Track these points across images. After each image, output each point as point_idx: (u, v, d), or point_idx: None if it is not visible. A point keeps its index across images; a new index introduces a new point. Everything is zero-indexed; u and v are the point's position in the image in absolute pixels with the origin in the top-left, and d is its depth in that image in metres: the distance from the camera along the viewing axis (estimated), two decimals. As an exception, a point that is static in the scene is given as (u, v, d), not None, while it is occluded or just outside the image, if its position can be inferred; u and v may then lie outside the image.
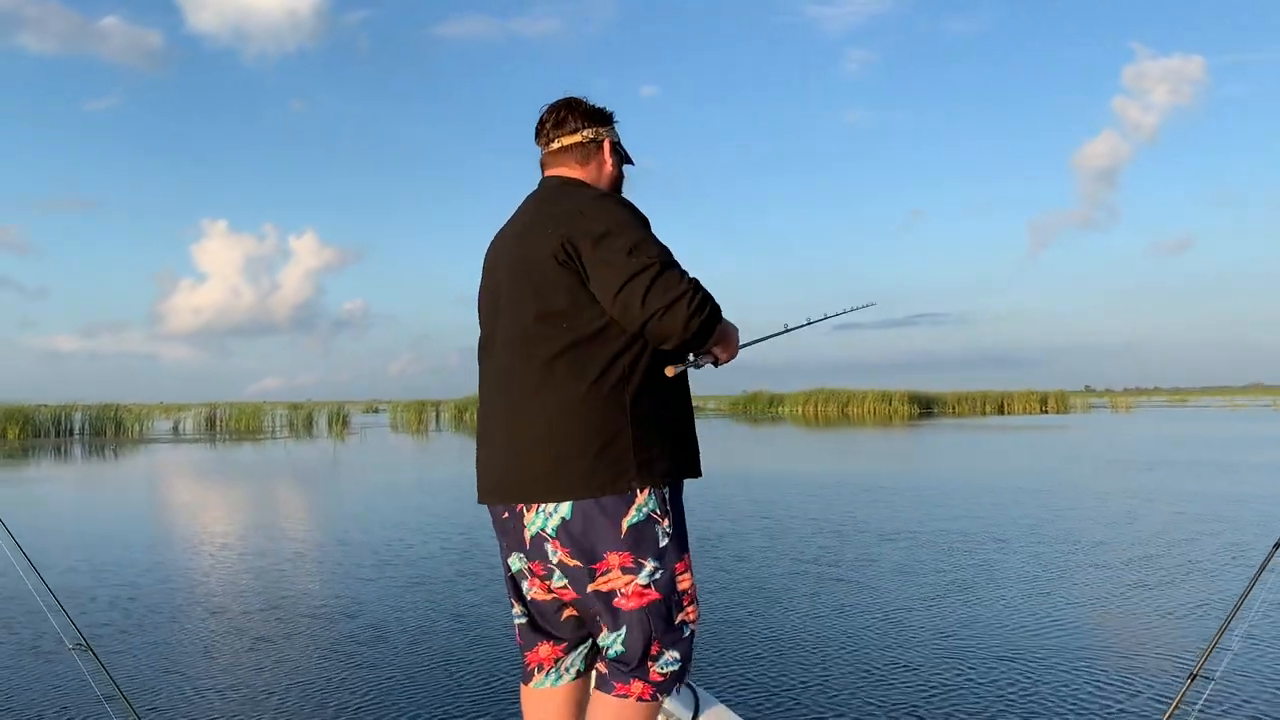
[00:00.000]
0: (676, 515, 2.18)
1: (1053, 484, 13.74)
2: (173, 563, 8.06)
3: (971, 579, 6.83)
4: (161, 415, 47.82)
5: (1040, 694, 4.29)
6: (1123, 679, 4.48)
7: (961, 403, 62.03)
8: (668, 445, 2.16)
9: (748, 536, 8.94)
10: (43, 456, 24.28)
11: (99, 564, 7.96)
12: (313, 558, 8.25)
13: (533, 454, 2.10)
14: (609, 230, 2.05)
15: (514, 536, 2.20)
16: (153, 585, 7.07)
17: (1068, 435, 29.76)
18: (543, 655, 2.31)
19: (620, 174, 2.40)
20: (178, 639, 5.47)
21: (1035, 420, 44.90)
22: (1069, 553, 7.89)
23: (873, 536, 8.87)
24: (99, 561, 8.07)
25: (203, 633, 5.61)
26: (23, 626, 5.72)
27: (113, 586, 7.00)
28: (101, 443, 31.28)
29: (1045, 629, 5.41)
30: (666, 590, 2.13)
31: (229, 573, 7.58)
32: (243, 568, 7.79)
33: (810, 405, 60.43)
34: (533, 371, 2.11)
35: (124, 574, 7.51)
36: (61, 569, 7.66)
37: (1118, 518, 10.03)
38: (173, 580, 7.28)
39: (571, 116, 2.32)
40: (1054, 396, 64.60)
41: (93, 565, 7.90)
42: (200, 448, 27.97)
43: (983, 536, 8.79)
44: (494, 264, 2.31)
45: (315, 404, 54.39)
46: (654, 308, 1.98)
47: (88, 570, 7.65)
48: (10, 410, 34.84)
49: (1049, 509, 10.79)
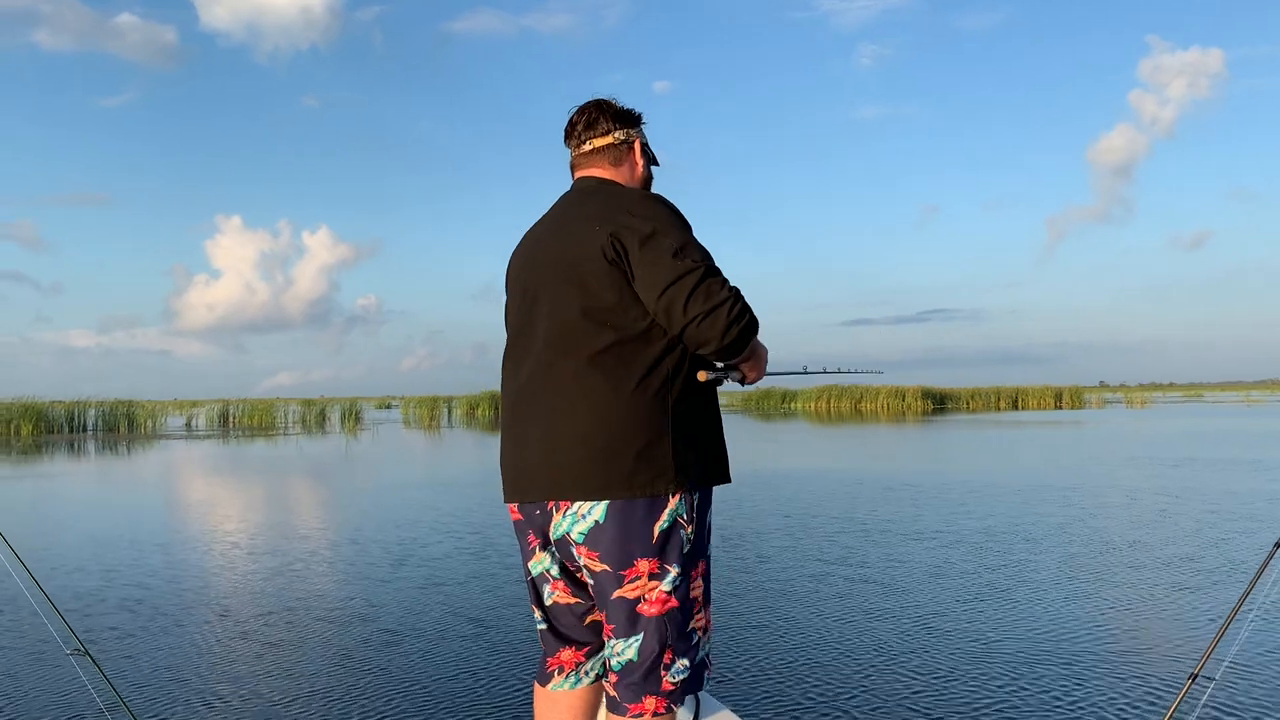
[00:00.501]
0: (700, 521, 2.16)
1: (1077, 481, 13.48)
2: (180, 563, 7.91)
3: (1004, 580, 6.60)
4: (175, 411, 47.94)
5: (1080, 696, 4.07)
6: (1132, 678, 4.26)
7: (975, 398, 61.69)
8: (705, 450, 2.15)
9: (769, 536, 8.73)
10: (55, 453, 24.26)
11: (105, 564, 7.81)
12: (323, 557, 8.08)
13: (573, 451, 2.07)
14: (656, 230, 2.04)
15: (540, 535, 2.20)
16: (160, 586, 6.91)
17: (1085, 431, 29.43)
18: (564, 660, 2.30)
19: (650, 175, 2.40)
20: (184, 643, 5.29)
21: (1050, 416, 44.53)
22: (1101, 553, 7.64)
23: (899, 536, 8.64)
24: (105, 562, 7.93)
25: (210, 637, 5.43)
26: (21, 631, 5.56)
27: (120, 587, 6.85)
28: (114, 439, 31.28)
29: (1077, 633, 5.17)
30: (683, 598, 2.13)
31: (237, 573, 7.42)
32: (251, 568, 7.64)
33: (823, 401, 60.17)
34: (576, 368, 2.08)
35: (131, 575, 7.36)
36: (69, 569, 7.54)
37: (1149, 516, 9.77)
38: (180, 581, 7.12)
39: (603, 118, 2.32)
40: (1068, 392, 64.17)
41: (99, 565, 7.75)
42: (213, 444, 27.92)
43: (1012, 536, 8.55)
44: (530, 262, 2.26)
45: (328, 400, 54.53)
46: (695, 312, 1.97)
47: (95, 571, 7.51)
48: (23, 406, 34.92)
49: (1076, 507, 10.55)
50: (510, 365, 2.28)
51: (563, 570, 2.23)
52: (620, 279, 2.06)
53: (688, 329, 2.00)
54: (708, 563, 2.23)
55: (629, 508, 2.05)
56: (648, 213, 2.10)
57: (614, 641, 2.14)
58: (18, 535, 6.12)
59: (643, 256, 2.03)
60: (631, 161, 2.33)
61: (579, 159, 2.36)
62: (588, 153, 2.33)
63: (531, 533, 2.23)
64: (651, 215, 2.09)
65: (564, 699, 2.30)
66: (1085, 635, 5.13)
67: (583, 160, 2.35)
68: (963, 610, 5.76)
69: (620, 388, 2.05)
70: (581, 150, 2.34)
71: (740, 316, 2.01)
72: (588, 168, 2.34)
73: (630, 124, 2.35)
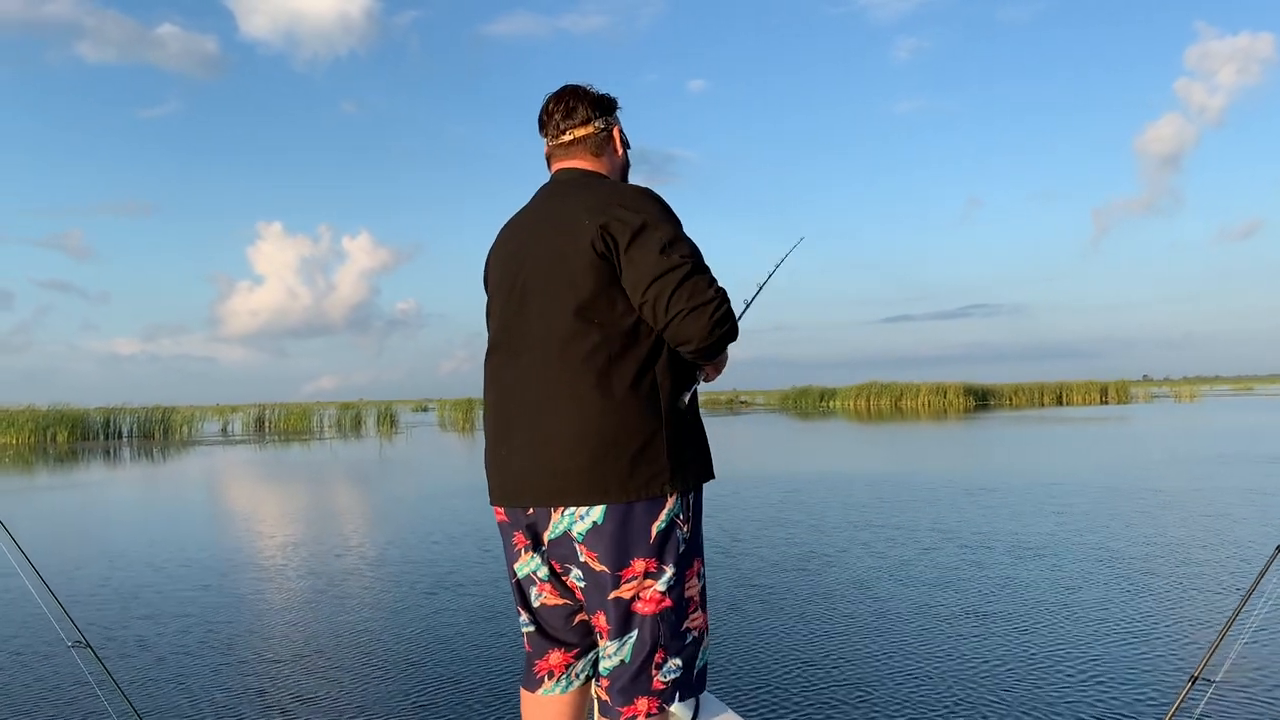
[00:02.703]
0: (695, 520, 2.15)
1: (1147, 482, 12.78)
2: (186, 563, 7.57)
3: (1003, 580, 6.05)
4: (214, 417, 48.19)
5: None
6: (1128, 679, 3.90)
7: (1019, 394, 60.50)
8: (696, 448, 2.13)
9: (841, 546, 8.18)
10: (89, 459, 24.29)
11: (113, 565, 7.49)
12: (329, 560, 7.71)
13: (569, 455, 2.02)
14: (645, 224, 2.01)
15: (529, 537, 2.15)
16: (162, 585, 6.57)
17: (1137, 426, 28.47)
18: (553, 663, 2.25)
19: (628, 161, 2.35)
20: (186, 643, 4.94)
21: (1098, 411, 43.35)
22: (1108, 555, 7.03)
23: (910, 538, 8.06)
24: (114, 562, 7.60)
25: (211, 636, 5.04)
26: (24, 625, 5.18)
27: (120, 586, 6.48)
28: (149, 445, 31.37)
29: (1078, 633, 4.59)
30: (678, 597, 2.10)
31: (243, 574, 7.07)
32: (258, 569, 7.29)
33: (862, 399, 59.29)
34: (567, 369, 2.03)
35: (136, 574, 7.01)
36: (73, 569, 7.16)
37: (1171, 515, 9.09)
38: (185, 582, 6.78)
39: (582, 106, 2.25)
40: (1114, 387, 62.79)
41: (107, 566, 7.42)
42: (245, 449, 27.86)
43: (1093, 546, 7.93)
44: (514, 258, 2.19)
45: (365, 403, 54.75)
46: (677, 309, 1.95)
47: (99, 571, 7.16)
48: (59, 414, 35.16)
49: (1152, 513, 9.88)
50: (495, 365, 2.21)
51: (551, 572, 2.18)
52: (609, 274, 2.02)
53: (670, 325, 1.97)
54: (703, 562, 2.20)
55: (627, 509, 2.02)
56: (638, 206, 2.05)
57: (607, 644, 2.09)
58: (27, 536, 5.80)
59: (630, 251, 2.00)
60: (612, 150, 2.28)
61: (556, 149, 2.28)
62: (567, 143, 2.26)
63: (519, 533, 2.17)
64: (642, 209, 2.04)
65: (554, 704, 2.25)
66: (1086, 636, 5.04)
67: (561, 151, 2.27)
68: (964, 610, 5.64)
69: (613, 388, 2.02)
70: (560, 140, 2.26)
71: (725, 319, 1.98)
72: (567, 159, 2.26)
73: (608, 111, 2.29)
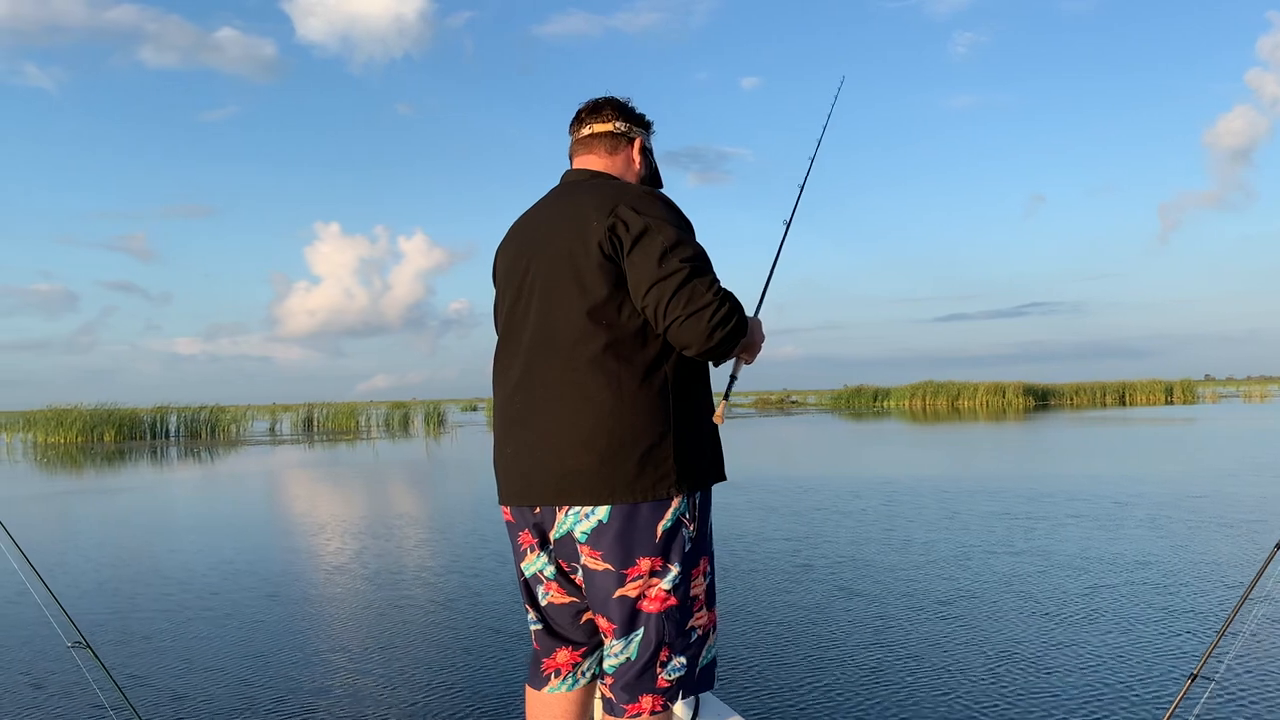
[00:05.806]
0: (703, 520, 2.15)
1: (1219, 486, 11.85)
2: (193, 565, 7.19)
3: (1006, 580, 5.27)
4: (264, 416, 48.52)
5: None
6: None
7: (1080, 394, 58.86)
8: (705, 449, 2.13)
9: (932, 556, 7.48)
10: (137, 458, 24.35)
11: (116, 566, 7.11)
12: (335, 562, 7.29)
13: (576, 455, 2.03)
14: (648, 227, 2.01)
15: (536, 535, 2.17)
16: (161, 582, 6.46)
17: (1210, 428, 27.12)
18: (560, 661, 2.25)
19: (648, 177, 2.34)
20: (188, 642, 4.88)
21: (1164, 412, 41.66)
22: (1127, 560, 6.22)
23: (925, 541, 7.30)
24: (118, 563, 7.21)
25: (214, 637, 4.78)
26: (23, 625, 4.82)
27: (124, 586, 6.09)
28: (196, 445, 31.44)
29: (1078, 633, 3.86)
30: (683, 596, 2.10)
31: (248, 577, 6.65)
32: (266, 571, 6.88)
33: (918, 399, 58.06)
34: (575, 369, 2.05)
35: (141, 575, 6.66)
36: (76, 568, 6.72)
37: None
38: (188, 581, 6.54)
39: (609, 108, 2.31)
40: (1180, 386, 60.83)
41: (111, 567, 7.04)
42: (290, 449, 27.75)
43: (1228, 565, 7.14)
44: (523, 256, 2.21)
45: (415, 403, 54.91)
46: (675, 315, 1.96)
47: (102, 571, 6.73)
48: (109, 413, 35.46)
49: (1161, 509, 9.02)
50: (504, 364, 2.23)
51: (558, 571, 2.19)
52: (617, 275, 2.03)
53: (669, 331, 1.99)
54: (711, 561, 2.20)
55: (633, 509, 2.03)
56: (645, 208, 2.06)
57: (613, 642, 2.11)
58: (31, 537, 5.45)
59: (633, 254, 2.01)
60: (628, 155, 2.30)
61: (576, 144, 2.33)
62: (585, 138, 2.31)
63: (526, 532, 2.19)
64: (648, 211, 2.05)
65: (559, 702, 2.26)
66: (1086, 635, 5.01)
67: (579, 146, 2.33)
68: (965, 610, 5.64)
69: (621, 389, 2.03)
70: (580, 135, 2.32)
71: (725, 321, 1.97)
72: (583, 154, 2.31)
73: (636, 122, 2.33)
